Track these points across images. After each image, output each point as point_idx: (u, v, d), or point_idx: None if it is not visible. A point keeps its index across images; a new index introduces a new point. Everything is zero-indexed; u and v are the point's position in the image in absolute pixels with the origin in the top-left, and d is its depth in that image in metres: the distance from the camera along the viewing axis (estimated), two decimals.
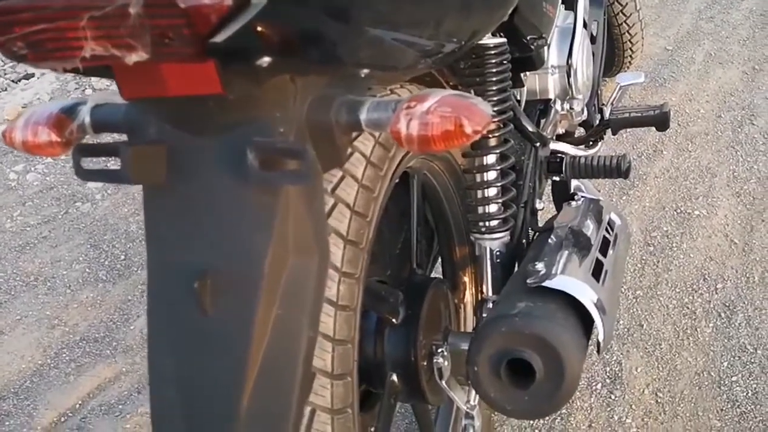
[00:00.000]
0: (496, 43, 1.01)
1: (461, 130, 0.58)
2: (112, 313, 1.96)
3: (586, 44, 1.61)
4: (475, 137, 0.59)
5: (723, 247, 2.00)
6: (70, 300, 2.03)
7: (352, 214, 0.85)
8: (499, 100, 1.02)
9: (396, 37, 0.68)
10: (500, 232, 1.06)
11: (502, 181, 1.06)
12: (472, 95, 0.61)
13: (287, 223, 0.65)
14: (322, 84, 0.66)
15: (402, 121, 0.59)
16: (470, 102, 0.60)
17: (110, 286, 2.07)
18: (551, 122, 1.46)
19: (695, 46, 3.11)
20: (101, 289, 2.06)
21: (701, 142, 2.47)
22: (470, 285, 1.28)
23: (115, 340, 1.87)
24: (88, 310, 1.99)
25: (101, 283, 2.08)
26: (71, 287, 2.08)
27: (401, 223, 1.23)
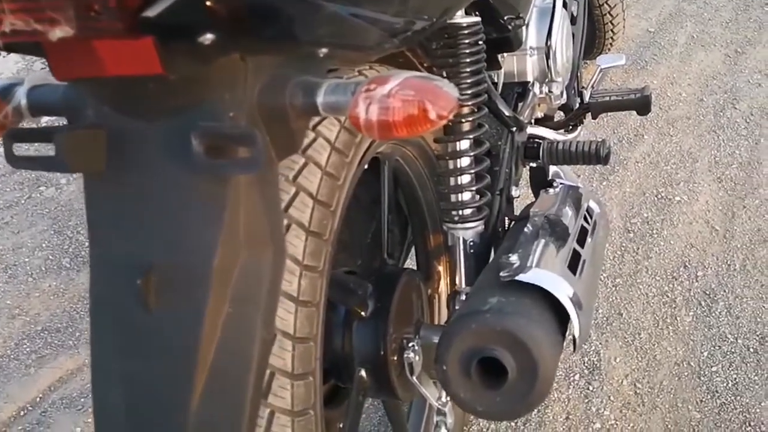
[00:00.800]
0: (470, 23, 0.97)
1: (425, 116, 0.54)
2: (76, 302, 1.91)
3: (565, 25, 1.58)
4: (441, 123, 0.54)
5: (704, 233, 1.98)
6: (32, 288, 1.97)
7: (314, 203, 0.81)
8: (472, 82, 0.98)
9: (357, 13, 0.63)
10: (474, 221, 1.03)
11: (475, 168, 1.02)
12: (438, 77, 0.57)
13: (238, 214, 0.60)
14: (275, 64, 0.61)
15: (361, 106, 0.55)
16: (435, 85, 0.55)
17: (74, 274, 2.01)
18: (529, 106, 1.43)
19: (677, 28, 3.08)
20: (64, 277, 2.00)
21: (683, 126, 2.45)
22: (444, 275, 1.25)
23: (78, 331, 1.82)
24: (51, 299, 1.93)
25: (65, 270, 2.03)
26: (33, 275, 2.02)
27: (373, 211, 1.19)
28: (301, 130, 0.62)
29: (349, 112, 0.56)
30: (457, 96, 0.55)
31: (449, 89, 0.56)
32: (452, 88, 0.56)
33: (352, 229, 1.20)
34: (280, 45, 0.58)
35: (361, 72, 0.98)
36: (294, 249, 0.78)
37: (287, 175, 0.81)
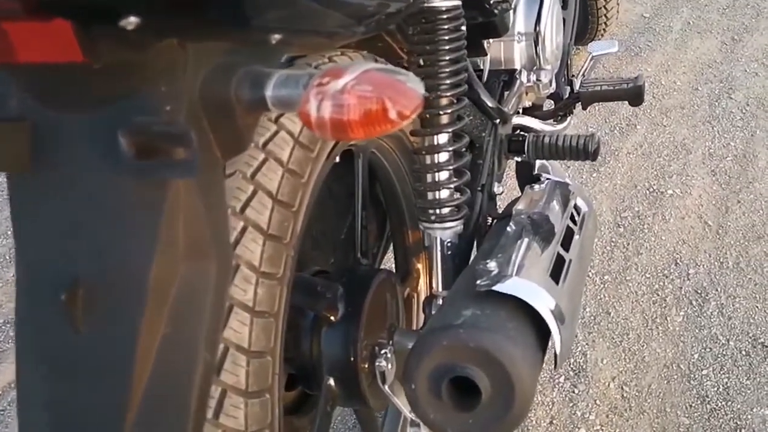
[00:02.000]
0: (449, 6, 0.90)
1: (384, 115, 0.47)
2: None
3: (556, 10, 1.51)
4: (403, 123, 0.48)
5: (696, 229, 1.93)
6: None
7: (274, 204, 0.75)
8: (452, 71, 0.92)
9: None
10: (452, 220, 0.97)
11: (455, 164, 0.96)
12: (402, 70, 0.51)
13: (177, 221, 0.54)
14: (221, 51, 0.55)
15: (312, 102, 0.49)
16: (397, 79, 0.49)
17: None
18: (516, 94, 1.36)
19: (673, 13, 3.02)
20: None
21: (677, 116, 2.39)
22: (423, 275, 1.19)
23: None
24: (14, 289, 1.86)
25: None
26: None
27: (348, 206, 1.13)
28: (249, 126, 0.56)
29: (299, 109, 0.50)
30: (422, 92, 0.49)
31: (413, 84, 0.49)
32: (417, 83, 0.50)
33: (325, 226, 1.14)
34: (222, 30, 0.52)
35: (332, 59, 0.91)
36: (250, 254, 0.72)
37: (245, 173, 0.75)
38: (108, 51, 0.47)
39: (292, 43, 0.60)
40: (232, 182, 0.75)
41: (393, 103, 0.48)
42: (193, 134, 0.50)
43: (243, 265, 0.72)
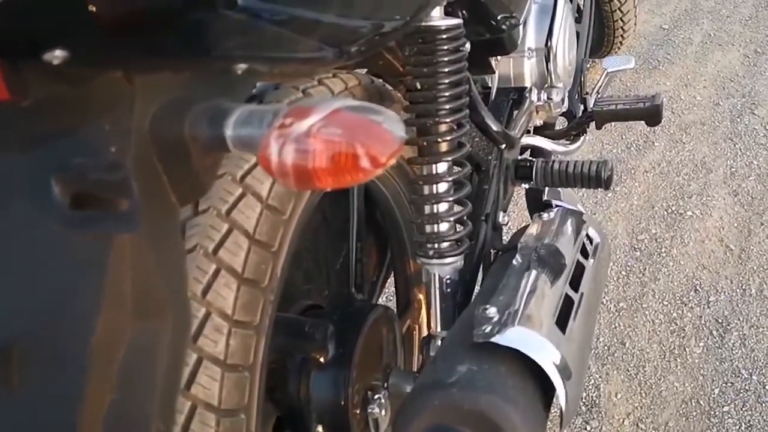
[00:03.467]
0: (449, 25, 0.84)
1: (355, 162, 0.41)
2: None
3: (569, 24, 1.45)
4: (377, 171, 0.42)
5: (717, 253, 1.85)
6: None
7: (251, 244, 0.69)
8: (452, 95, 0.85)
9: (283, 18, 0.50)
10: (452, 256, 0.90)
11: (455, 195, 0.89)
12: (379, 108, 0.44)
13: (124, 277, 0.48)
14: (175, 84, 0.49)
15: (272, 145, 0.42)
16: (372, 119, 0.43)
17: None
18: (525, 114, 1.30)
19: (693, 25, 2.95)
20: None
21: (696, 132, 2.31)
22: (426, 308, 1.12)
23: None
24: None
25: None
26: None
27: (344, 234, 1.07)
28: (209, 169, 0.50)
29: (259, 152, 0.44)
30: (400, 135, 0.43)
31: (391, 126, 0.43)
32: (395, 124, 0.43)
33: (318, 256, 1.08)
34: (173, 61, 0.46)
35: (322, 81, 0.86)
36: (222, 301, 0.66)
37: (219, 209, 0.69)
38: (37, 87, 0.42)
39: (262, 72, 0.54)
40: (205, 220, 0.69)
41: (366, 148, 0.41)
42: (136, 180, 0.44)
43: (214, 313, 0.66)
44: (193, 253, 0.68)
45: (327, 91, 0.84)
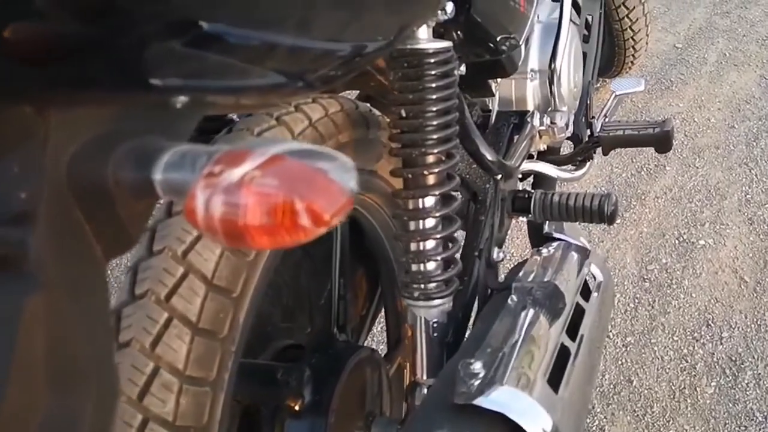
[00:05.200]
0: (438, 48, 0.78)
1: (292, 220, 0.35)
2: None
3: (574, 44, 1.39)
4: (319, 231, 0.36)
5: (731, 285, 1.77)
6: None
7: (208, 289, 0.63)
8: (440, 124, 0.79)
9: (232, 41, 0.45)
10: (440, 297, 0.84)
11: (443, 231, 0.83)
12: (330, 152, 0.38)
13: (36, 343, 0.42)
14: (99, 120, 0.43)
15: (199, 196, 0.36)
16: (317, 168, 0.37)
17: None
18: (526, 140, 1.24)
19: (708, 44, 2.88)
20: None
21: (710, 156, 2.25)
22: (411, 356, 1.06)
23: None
24: None
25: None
26: None
27: (328, 269, 1.01)
28: (137, 217, 0.44)
29: (184, 203, 0.38)
30: (351, 187, 0.37)
31: (339, 175, 0.37)
32: (345, 173, 0.37)
33: (300, 292, 1.02)
34: (94, 92, 0.40)
35: (299, 107, 0.80)
36: (173, 355, 0.60)
37: (175, 251, 0.63)
38: None
39: (208, 105, 0.48)
40: (158, 262, 0.63)
41: (306, 203, 0.35)
42: (52, 232, 0.38)
43: (163, 368, 0.60)
44: (144, 300, 0.62)
45: (303, 118, 0.79)
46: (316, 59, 0.52)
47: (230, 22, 0.44)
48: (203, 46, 0.43)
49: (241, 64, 0.47)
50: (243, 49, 0.46)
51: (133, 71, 0.41)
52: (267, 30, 0.47)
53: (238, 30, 0.45)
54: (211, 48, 0.44)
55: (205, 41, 0.43)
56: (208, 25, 0.43)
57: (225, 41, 0.44)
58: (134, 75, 0.42)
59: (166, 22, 0.41)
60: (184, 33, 0.42)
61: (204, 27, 0.43)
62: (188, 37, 0.42)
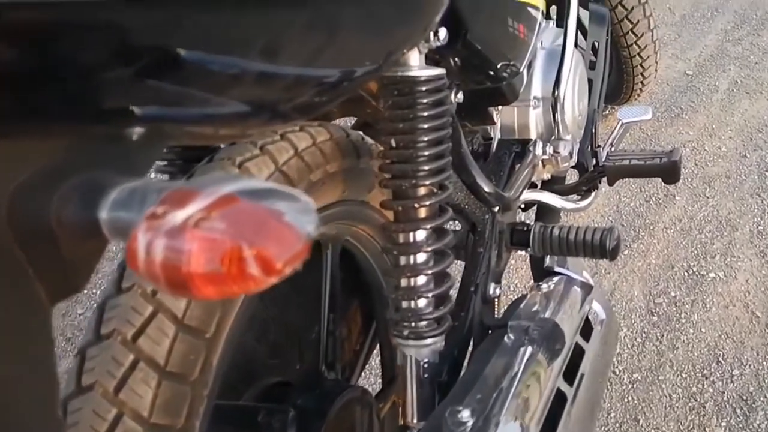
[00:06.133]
0: (430, 76, 0.75)
1: (240, 268, 0.32)
2: None
3: (579, 71, 1.36)
4: (270, 281, 0.33)
5: (742, 321, 1.73)
6: None
7: (177, 330, 0.59)
8: (432, 155, 0.76)
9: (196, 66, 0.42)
10: (431, 336, 0.80)
11: (435, 267, 0.79)
12: (289, 191, 0.35)
13: None
14: (44, 153, 0.40)
15: (140, 240, 0.33)
16: (271, 210, 0.34)
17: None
18: (527, 169, 1.21)
19: (719, 71, 2.85)
20: None
21: (721, 186, 2.21)
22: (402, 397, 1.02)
23: None
24: None
25: None
26: None
27: (319, 302, 0.97)
28: (85, 260, 0.41)
29: (126, 246, 0.35)
30: (307, 232, 0.34)
31: (296, 218, 0.34)
32: (303, 216, 0.34)
33: (289, 326, 0.99)
34: (37, 124, 0.37)
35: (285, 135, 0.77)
36: (138, 400, 0.57)
37: (144, 289, 0.60)
38: None
39: (170, 135, 0.46)
40: (126, 300, 0.60)
41: (255, 249, 0.32)
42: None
43: (127, 415, 0.57)
44: (109, 340, 0.59)
45: (289, 147, 0.76)
46: (289, 87, 0.49)
47: (191, 47, 0.41)
48: (161, 72, 0.41)
49: (205, 94, 0.44)
50: (207, 76, 0.43)
51: (82, 100, 0.39)
52: (232, 56, 0.44)
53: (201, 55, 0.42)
54: (170, 74, 0.41)
55: (163, 67, 0.41)
56: (165, 49, 0.40)
57: (186, 67, 0.42)
58: (83, 104, 0.39)
59: (116, 46, 0.38)
60: (138, 58, 0.39)
61: (161, 51, 0.40)
62: (143, 63, 0.40)
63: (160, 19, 0.40)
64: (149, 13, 0.39)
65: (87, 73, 0.38)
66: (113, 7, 0.37)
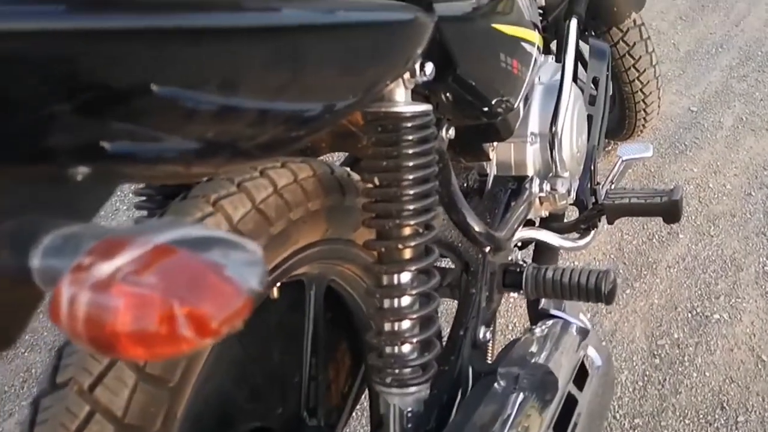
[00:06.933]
0: (416, 112, 0.73)
1: (170, 327, 0.29)
2: None
3: (577, 107, 1.34)
4: (205, 343, 0.30)
5: (748, 365, 1.68)
6: None
7: (138, 379, 0.56)
8: (417, 194, 0.73)
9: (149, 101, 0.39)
10: (415, 384, 0.76)
11: (420, 311, 0.76)
12: (233, 239, 0.32)
13: None
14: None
15: (63, 293, 0.30)
16: (210, 262, 0.31)
17: None
18: (522, 207, 1.18)
19: (724, 108, 2.83)
20: None
21: (726, 225, 2.17)
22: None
23: None
24: None
25: None
26: None
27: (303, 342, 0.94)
28: (17, 310, 0.38)
29: (50, 298, 0.32)
30: (250, 288, 0.31)
31: (238, 272, 0.31)
32: (247, 269, 0.31)
33: (271, 368, 0.95)
34: None
35: (264, 172, 0.74)
36: None
37: None
38: None
39: (121, 175, 0.43)
40: None
41: (188, 307, 0.29)
42: None
43: None
44: (65, 390, 0.55)
45: (268, 184, 0.73)
46: (253, 123, 0.47)
47: (141, 80, 0.39)
48: (111, 108, 0.38)
49: (160, 131, 0.41)
50: (164, 112, 0.41)
51: (20, 138, 0.36)
52: (189, 90, 0.42)
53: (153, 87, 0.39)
54: (120, 110, 0.39)
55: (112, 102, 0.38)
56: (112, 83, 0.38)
57: (136, 101, 0.39)
58: (21, 142, 0.36)
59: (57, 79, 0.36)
60: (82, 93, 0.37)
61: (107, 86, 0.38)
62: (87, 97, 0.37)
63: (107, 51, 0.37)
64: (94, 46, 0.37)
65: (25, 109, 0.36)
66: (53, 40, 0.35)
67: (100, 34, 0.37)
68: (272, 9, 0.49)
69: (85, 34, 0.37)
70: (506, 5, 0.94)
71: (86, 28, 0.37)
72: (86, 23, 0.37)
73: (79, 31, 0.36)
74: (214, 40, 0.44)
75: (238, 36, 0.46)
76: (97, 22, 0.37)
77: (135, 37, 0.39)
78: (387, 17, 0.59)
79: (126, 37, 0.38)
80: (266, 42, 0.48)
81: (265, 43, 0.48)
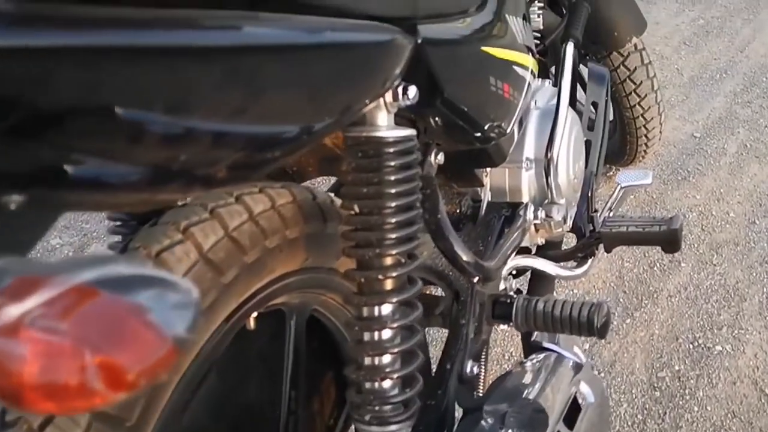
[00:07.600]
0: (399, 137, 0.70)
1: (80, 379, 0.26)
2: None
3: (575, 132, 1.31)
4: (119, 397, 0.26)
5: (750, 399, 1.64)
6: None
7: (92, 419, 0.53)
8: (400, 222, 0.70)
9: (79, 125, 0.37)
10: (396, 423, 0.73)
11: (402, 345, 0.73)
12: (165, 278, 0.29)
13: None
14: None
15: None
16: (132, 306, 0.28)
17: None
18: (515, 235, 1.15)
19: (728, 134, 2.80)
20: None
21: (729, 254, 2.14)
22: None
23: None
24: None
25: None
26: None
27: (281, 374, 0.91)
28: None
29: None
30: (176, 336, 0.28)
31: (164, 317, 0.28)
32: (174, 314, 0.28)
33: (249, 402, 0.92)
34: None
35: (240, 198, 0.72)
36: None
37: None
38: None
39: (61, 204, 0.40)
40: None
41: (101, 356, 0.26)
42: None
43: None
44: (13, 430, 0.52)
45: (243, 210, 0.70)
46: (208, 147, 0.44)
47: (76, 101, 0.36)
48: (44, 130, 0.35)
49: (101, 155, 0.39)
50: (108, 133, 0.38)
51: None
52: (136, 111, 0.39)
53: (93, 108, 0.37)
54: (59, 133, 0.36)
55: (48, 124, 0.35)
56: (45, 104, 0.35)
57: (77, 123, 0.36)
58: None
59: None
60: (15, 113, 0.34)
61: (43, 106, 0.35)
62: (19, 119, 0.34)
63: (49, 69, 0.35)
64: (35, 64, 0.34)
65: None
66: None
67: (45, 52, 0.35)
68: (239, 27, 0.47)
69: (28, 52, 0.34)
70: (497, 28, 0.91)
71: (29, 46, 0.34)
72: (28, 41, 0.34)
73: (21, 49, 0.34)
74: (172, 59, 0.41)
75: (200, 56, 0.43)
76: (41, 39, 0.35)
77: (82, 55, 0.36)
78: (362, 38, 0.56)
79: (70, 55, 0.36)
80: (230, 62, 0.45)
81: (229, 63, 0.45)
